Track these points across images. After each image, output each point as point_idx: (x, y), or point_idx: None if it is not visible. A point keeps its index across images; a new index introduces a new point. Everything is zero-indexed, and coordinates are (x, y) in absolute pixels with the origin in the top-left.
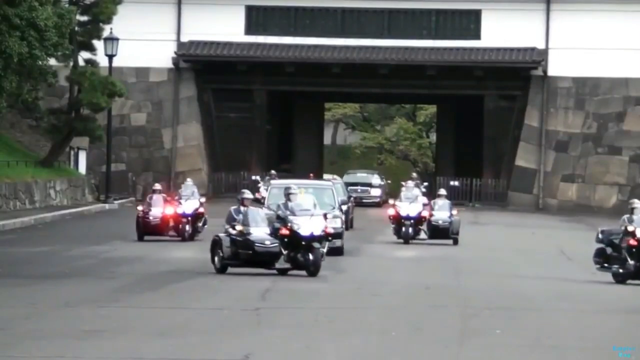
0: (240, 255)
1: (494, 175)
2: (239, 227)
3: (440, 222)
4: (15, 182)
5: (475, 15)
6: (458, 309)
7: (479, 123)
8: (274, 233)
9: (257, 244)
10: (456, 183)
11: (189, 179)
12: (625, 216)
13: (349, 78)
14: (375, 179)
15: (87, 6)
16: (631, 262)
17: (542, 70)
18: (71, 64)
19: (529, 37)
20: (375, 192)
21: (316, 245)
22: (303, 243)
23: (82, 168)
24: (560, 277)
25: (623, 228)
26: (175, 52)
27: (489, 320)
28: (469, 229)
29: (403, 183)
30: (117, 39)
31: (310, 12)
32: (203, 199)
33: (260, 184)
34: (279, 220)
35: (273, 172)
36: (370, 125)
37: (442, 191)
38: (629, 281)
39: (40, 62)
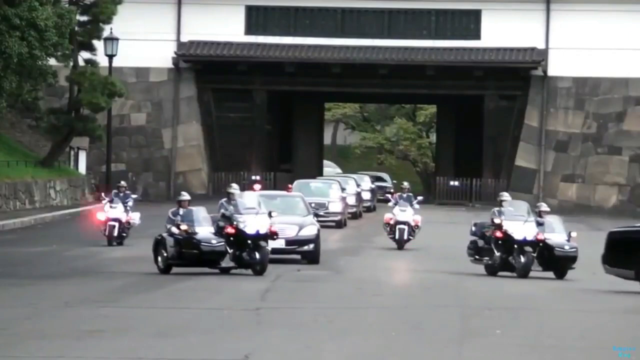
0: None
1: (494, 175)
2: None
3: (567, 249)
4: (15, 182)
5: (475, 15)
6: (458, 309)
7: (479, 123)
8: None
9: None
10: (456, 183)
11: (122, 182)
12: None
13: (349, 78)
14: (335, 191)
15: (87, 6)
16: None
17: (542, 70)
18: (71, 64)
19: (529, 37)
20: (335, 207)
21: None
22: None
23: (82, 168)
24: (504, 272)
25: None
26: (175, 52)
27: (489, 320)
28: (469, 230)
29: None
30: (117, 39)
31: (310, 12)
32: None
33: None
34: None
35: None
36: (370, 125)
37: (545, 206)
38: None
39: (40, 62)
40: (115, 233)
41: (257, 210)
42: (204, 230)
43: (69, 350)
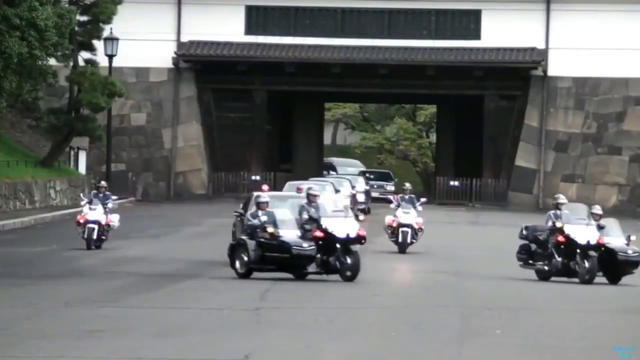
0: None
1: (494, 175)
2: (270, 229)
3: (630, 253)
4: (15, 182)
5: (475, 15)
6: (458, 309)
7: (479, 123)
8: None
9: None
10: (456, 183)
11: (103, 182)
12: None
13: (349, 78)
14: (328, 193)
15: (87, 6)
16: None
17: (542, 70)
18: (71, 64)
19: (529, 37)
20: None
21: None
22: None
23: (82, 168)
24: (560, 277)
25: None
26: (175, 52)
27: (489, 320)
28: (469, 229)
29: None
30: (117, 39)
31: (310, 12)
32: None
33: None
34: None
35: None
36: (370, 125)
37: (598, 209)
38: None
39: (40, 62)
40: (95, 236)
41: (346, 213)
42: (290, 234)
43: (69, 350)
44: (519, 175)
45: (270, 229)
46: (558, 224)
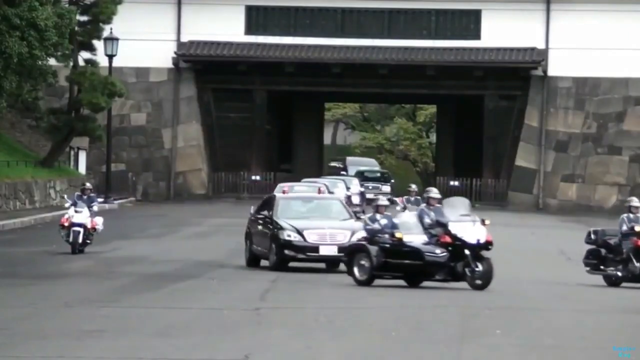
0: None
1: (494, 175)
2: (399, 234)
3: None
4: (15, 182)
5: (475, 15)
6: (458, 309)
7: (479, 123)
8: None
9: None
10: (456, 183)
11: (87, 183)
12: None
13: (349, 78)
14: None
15: (87, 6)
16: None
17: (542, 70)
18: (71, 64)
19: (529, 37)
20: None
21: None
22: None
23: (82, 168)
24: (560, 277)
25: (624, 228)
26: (175, 52)
27: (489, 320)
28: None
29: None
30: (117, 39)
31: (310, 12)
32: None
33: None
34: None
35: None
36: (370, 125)
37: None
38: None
39: (40, 62)
40: (80, 240)
41: (473, 217)
42: (416, 239)
43: (69, 350)
44: (519, 175)
45: (398, 234)
46: (637, 228)
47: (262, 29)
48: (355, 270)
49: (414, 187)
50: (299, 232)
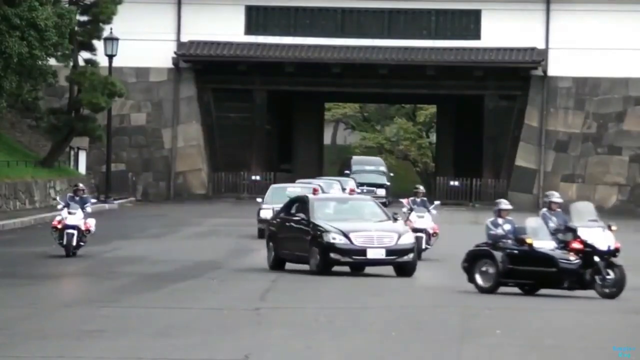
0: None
1: (494, 175)
2: (530, 240)
3: None
4: (15, 182)
5: (475, 15)
6: (458, 309)
7: (479, 123)
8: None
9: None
10: (456, 183)
11: (80, 184)
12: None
13: (349, 78)
14: None
15: (87, 6)
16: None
17: (542, 70)
18: (71, 64)
19: (529, 37)
20: None
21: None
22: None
23: (82, 168)
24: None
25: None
26: (175, 52)
27: (489, 320)
28: (469, 229)
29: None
30: (117, 39)
31: (310, 12)
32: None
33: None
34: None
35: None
36: (370, 125)
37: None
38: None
39: (40, 62)
40: (74, 242)
41: (600, 222)
42: (545, 244)
43: (69, 350)
44: (519, 175)
45: (529, 240)
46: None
47: (262, 29)
48: (478, 277)
49: (421, 188)
50: (345, 235)
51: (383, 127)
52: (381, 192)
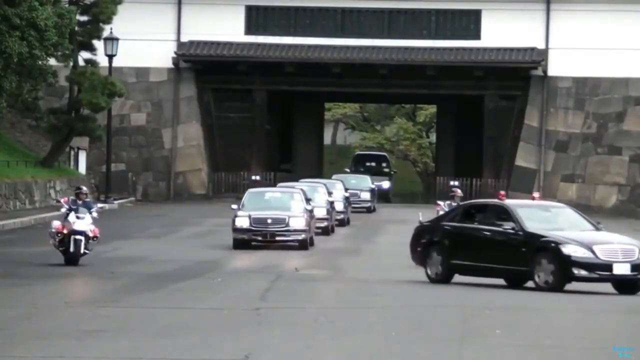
0: None
1: (494, 175)
2: None
3: None
4: (15, 182)
5: (475, 15)
6: (458, 309)
7: (479, 123)
8: None
9: None
10: (456, 183)
11: (83, 187)
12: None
13: (349, 78)
14: (297, 202)
15: (87, 6)
16: None
17: (542, 70)
18: (71, 64)
19: (529, 37)
20: (297, 223)
21: None
22: None
23: (82, 168)
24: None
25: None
26: (175, 52)
27: (489, 320)
28: None
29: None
30: (117, 39)
31: (310, 12)
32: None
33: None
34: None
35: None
36: (370, 125)
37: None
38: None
39: (40, 62)
40: (82, 250)
41: None
42: None
43: (69, 350)
44: (519, 175)
45: None
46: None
47: (262, 29)
48: None
49: (459, 192)
50: (589, 248)
51: (383, 127)
52: (365, 195)
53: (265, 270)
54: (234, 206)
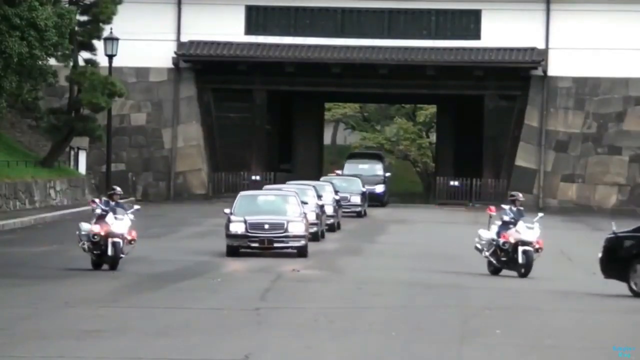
0: None
1: (494, 175)
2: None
3: None
4: (15, 182)
5: (475, 15)
6: (458, 309)
7: (479, 123)
8: None
9: None
10: (456, 183)
11: (118, 188)
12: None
13: (349, 78)
14: (293, 206)
15: (87, 6)
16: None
17: (542, 70)
18: (71, 64)
19: (529, 37)
20: (296, 228)
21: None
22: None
23: (82, 168)
24: (560, 277)
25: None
26: (175, 52)
27: (489, 320)
28: (469, 229)
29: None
30: (117, 39)
31: (310, 12)
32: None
33: None
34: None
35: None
36: (370, 125)
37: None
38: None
39: (40, 62)
40: (120, 254)
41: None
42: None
43: (69, 350)
44: (519, 175)
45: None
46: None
47: (262, 29)
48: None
49: (520, 197)
50: None
51: (383, 127)
52: (355, 199)
53: (265, 270)
54: (227, 210)
